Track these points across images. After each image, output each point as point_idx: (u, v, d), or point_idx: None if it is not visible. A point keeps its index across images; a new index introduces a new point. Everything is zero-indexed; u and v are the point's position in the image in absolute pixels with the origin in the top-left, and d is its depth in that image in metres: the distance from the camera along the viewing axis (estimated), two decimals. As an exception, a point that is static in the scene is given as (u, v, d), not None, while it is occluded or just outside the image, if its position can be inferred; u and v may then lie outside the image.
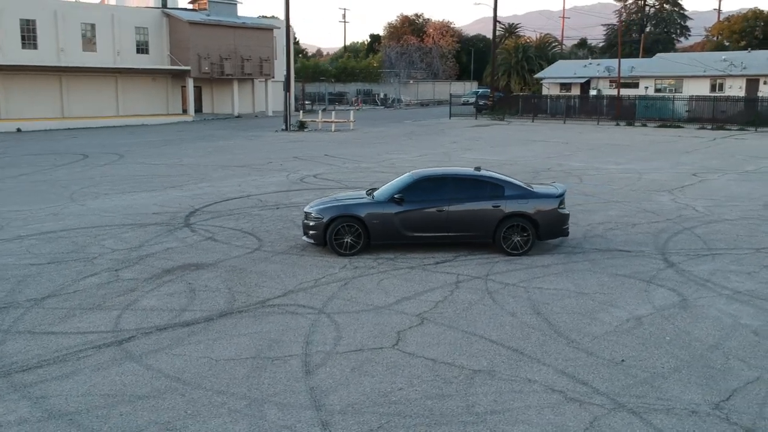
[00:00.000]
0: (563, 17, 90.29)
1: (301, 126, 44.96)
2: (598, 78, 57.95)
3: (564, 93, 58.16)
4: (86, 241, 14.04)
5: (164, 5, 58.27)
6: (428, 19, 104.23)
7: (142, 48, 55.81)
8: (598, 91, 56.95)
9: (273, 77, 61.40)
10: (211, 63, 56.61)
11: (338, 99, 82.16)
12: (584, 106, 52.54)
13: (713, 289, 10.78)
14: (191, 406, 7.00)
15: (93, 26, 53.09)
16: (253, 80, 62.18)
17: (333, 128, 43.73)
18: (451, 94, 63.78)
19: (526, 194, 12.79)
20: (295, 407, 6.97)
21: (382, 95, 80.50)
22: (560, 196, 12.85)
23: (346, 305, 10.06)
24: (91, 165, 27.09)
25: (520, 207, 12.65)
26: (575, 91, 58.38)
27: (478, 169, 13.46)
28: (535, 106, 54.34)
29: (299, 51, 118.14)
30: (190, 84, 56.17)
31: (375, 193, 13.24)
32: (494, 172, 13.90)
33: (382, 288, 10.87)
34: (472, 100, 67.94)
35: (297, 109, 64.69)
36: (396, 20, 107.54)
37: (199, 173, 24.16)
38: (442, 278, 11.37)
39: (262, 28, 60.53)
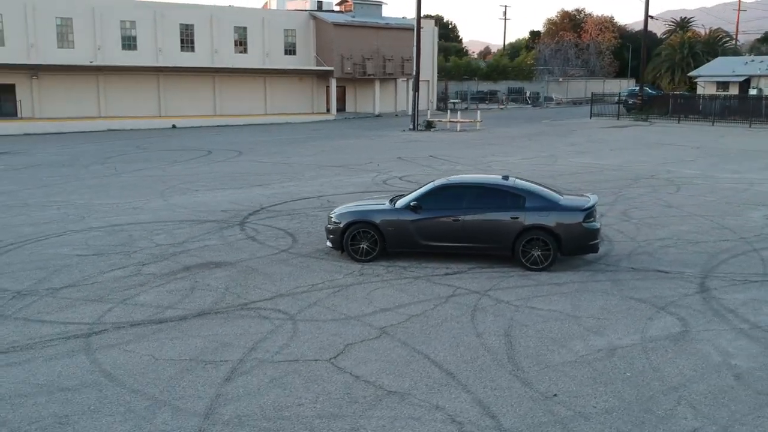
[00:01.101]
0: (738, 9, 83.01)
1: (429, 126, 45.00)
2: (759, 76, 52.68)
3: (720, 92, 53.50)
4: (141, 235, 15.04)
5: (319, 8, 60.60)
6: (589, 14, 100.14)
7: (289, 49, 58.45)
8: (759, 90, 51.79)
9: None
10: (354, 63, 58.10)
11: (489, 97, 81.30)
12: (739, 107, 48.00)
13: (730, 321, 9.56)
14: (97, 402, 7.33)
15: (245, 29, 56.34)
16: (395, 80, 63.05)
17: (458, 128, 43.37)
18: (592, 93, 60.85)
19: (549, 206, 12.02)
20: (187, 413, 7.09)
21: (529, 94, 78.45)
22: (587, 210, 11.94)
23: (321, 313, 10.03)
24: (207, 161, 28.87)
25: (541, 219, 11.91)
26: (733, 91, 53.50)
27: (506, 177, 12.84)
28: (685, 107, 50.48)
29: (457, 49, 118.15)
30: (333, 84, 58.02)
31: (398, 201, 13.03)
32: (526, 181, 13.18)
33: (370, 297, 10.71)
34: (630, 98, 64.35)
35: (439, 108, 64.89)
36: (556, 16, 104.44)
37: (293, 172, 24.98)
38: (439, 291, 10.99)
39: (404, 28, 61.13)
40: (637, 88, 71.73)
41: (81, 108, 50.12)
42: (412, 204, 12.48)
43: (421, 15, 47.26)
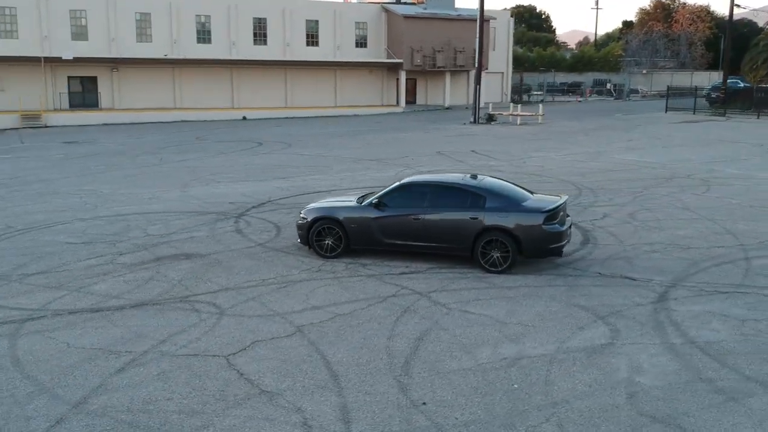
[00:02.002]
0: None
1: (490, 119, 44.26)
2: None
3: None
4: (137, 225, 15.58)
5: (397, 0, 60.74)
6: (683, 4, 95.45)
7: (360, 42, 58.81)
8: None
9: (487, 68, 60.83)
10: (424, 56, 57.82)
11: (571, 89, 79.13)
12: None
13: (667, 335, 8.97)
14: (-15, 386, 7.68)
15: (317, 22, 57.09)
16: (467, 72, 62.28)
17: (518, 122, 42.43)
18: (668, 87, 58.04)
19: (509, 207, 11.61)
20: (61, 401, 7.32)
21: (609, 86, 75.71)
22: (548, 212, 11.44)
23: (251, 309, 10.11)
24: (251, 153, 29.53)
25: (500, 220, 11.53)
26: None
27: (474, 176, 12.50)
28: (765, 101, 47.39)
29: (548, 40, 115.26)
30: (402, 76, 57.97)
31: (367, 198, 12.93)
32: (501, 180, 12.77)
33: (310, 295, 10.69)
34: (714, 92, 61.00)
35: (513, 101, 63.67)
36: (648, 6, 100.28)
37: (324, 165, 25.19)
38: (383, 290, 10.85)
39: (477, 20, 60.20)
40: (722, 81, 67.90)
41: (157, 99, 52.22)
42: (374, 202, 12.35)
43: (505, 6, 46.41)
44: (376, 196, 12.53)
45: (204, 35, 53.72)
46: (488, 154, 28.25)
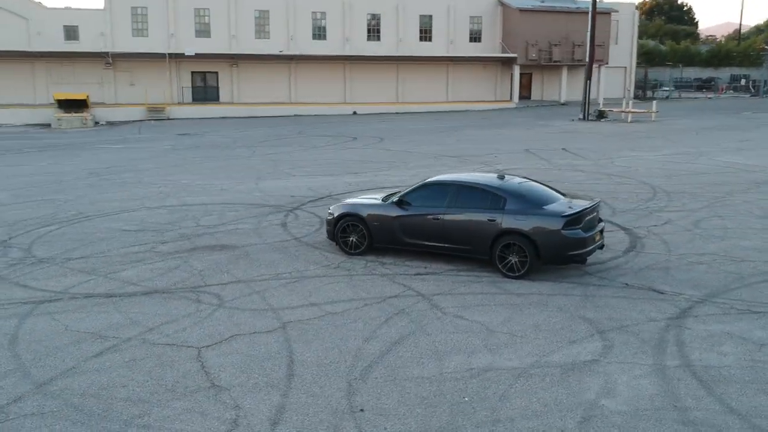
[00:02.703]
0: None
1: (600, 115, 42.39)
2: None
3: None
4: (194, 215, 16.20)
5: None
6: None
7: (474, 37, 58.09)
8: None
9: (607, 63, 58.36)
10: (539, 50, 56.28)
11: (705, 86, 74.40)
12: None
13: (665, 355, 8.21)
14: (-25, 362, 8.25)
15: (430, 17, 56.98)
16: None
17: (629, 119, 40.32)
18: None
19: (529, 210, 11.03)
20: (29, 381, 7.70)
21: (743, 82, 70.26)
22: (569, 216, 10.76)
23: (250, 303, 10.22)
24: (340, 147, 29.96)
25: (517, 223, 10.99)
26: None
27: (501, 177, 11.99)
28: None
29: (687, 33, 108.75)
30: (516, 71, 56.72)
31: (393, 196, 12.74)
32: (524, 181, 12.15)
33: (315, 291, 10.68)
34: None
35: (636, 97, 60.66)
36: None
37: (402, 161, 25.11)
38: (388, 290, 10.65)
39: (599, 13, 57.74)
40: None
41: (274, 94, 54.07)
42: (396, 200, 12.14)
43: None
44: (399, 194, 12.31)
45: (319, 32, 54.99)
46: (579, 152, 27.07)
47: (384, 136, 34.76)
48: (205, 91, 53.70)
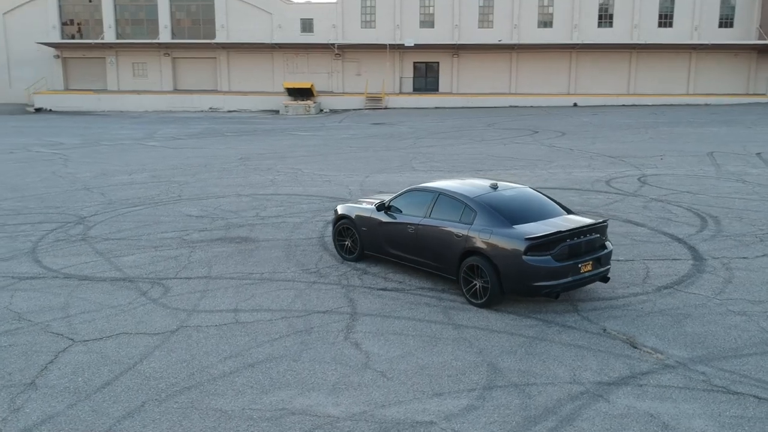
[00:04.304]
0: None
1: None
2: None
3: None
4: (266, 205, 16.31)
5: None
6: None
7: (725, 21, 51.18)
8: None
9: None
10: (807, 35, 47.87)
11: None
12: None
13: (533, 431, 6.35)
14: None
15: (672, 1, 51.35)
16: None
17: None
18: None
19: (495, 226, 9.21)
20: None
21: None
22: (532, 239, 8.77)
23: (183, 301, 9.87)
24: (510, 141, 28.37)
25: (480, 242, 9.26)
26: None
27: (494, 186, 10.20)
28: None
29: None
30: (775, 60, 48.96)
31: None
32: (514, 191, 10.15)
33: (255, 297, 10.02)
34: None
35: None
36: None
37: (549, 159, 22.98)
38: (328, 305, 9.62)
39: None
40: None
41: (494, 84, 52.97)
42: (381, 205, 10.97)
43: None
44: (388, 199, 11.10)
45: (545, 18, 52.47)
46: (778, 158, 22.45)
47: (571, 131, 32.13)
48: (425, 82, 54.26)
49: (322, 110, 49.92)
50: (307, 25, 54.27)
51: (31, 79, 55.20)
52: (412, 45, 50.53)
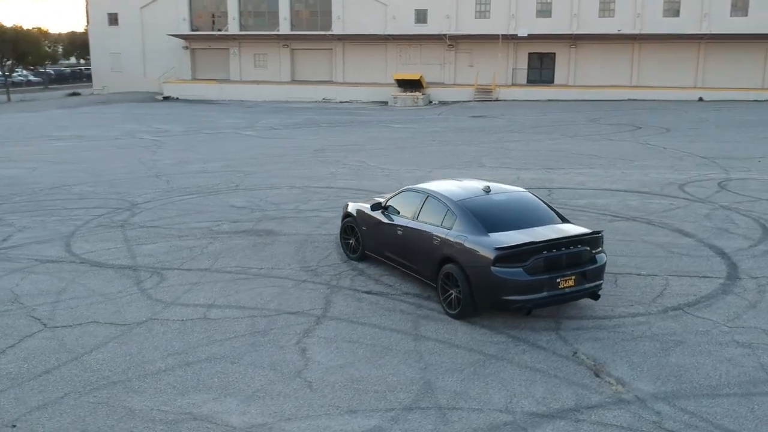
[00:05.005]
0: None
1: None
2: None
3: None
4: (310, 198, 16.29)
5: None
6: None
7: None
8: None
9: None
10: None
11: None
12: None
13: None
14: None
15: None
16: None
17: None
18: None
19: (471, 232, 8.58)
20: None
21: None
22: (502, 249, 8.06)
23: (169, 293, 9.95)
24: (603, 137, 26.86)
25: (455, 249, 8.67)
26: None
27: (486, 189, 9.52)
28: None
29: None
30: None
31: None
32: (506, 194, 9.40)
33: (239, 292, 9.93)
34: None
35: None
36: None
37: (632, 158, 21.41)
38: (303, 305, 9.36)
39: None
40: None
41: (613, 77, 50.48)
42: (378, 204, 10.57)
43: None
44: (386, 199, 10.67)
45: (671, 7, 49.16)
46: None
47: (678, 128, 29.89)
48: (540, 73, 52.45)
49: (431, 102, 49.46)
50: (421, 16, 53.88)
51: (163, 68, 58.54)
52: (526, 35, 48.94)
